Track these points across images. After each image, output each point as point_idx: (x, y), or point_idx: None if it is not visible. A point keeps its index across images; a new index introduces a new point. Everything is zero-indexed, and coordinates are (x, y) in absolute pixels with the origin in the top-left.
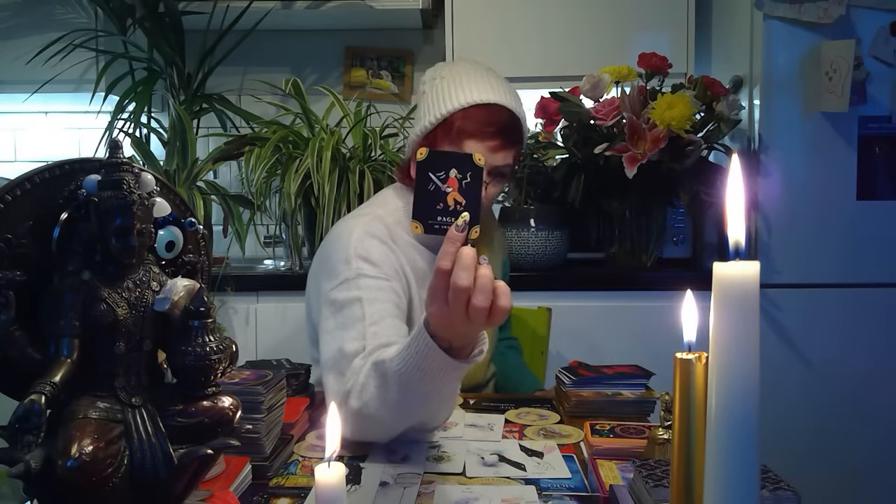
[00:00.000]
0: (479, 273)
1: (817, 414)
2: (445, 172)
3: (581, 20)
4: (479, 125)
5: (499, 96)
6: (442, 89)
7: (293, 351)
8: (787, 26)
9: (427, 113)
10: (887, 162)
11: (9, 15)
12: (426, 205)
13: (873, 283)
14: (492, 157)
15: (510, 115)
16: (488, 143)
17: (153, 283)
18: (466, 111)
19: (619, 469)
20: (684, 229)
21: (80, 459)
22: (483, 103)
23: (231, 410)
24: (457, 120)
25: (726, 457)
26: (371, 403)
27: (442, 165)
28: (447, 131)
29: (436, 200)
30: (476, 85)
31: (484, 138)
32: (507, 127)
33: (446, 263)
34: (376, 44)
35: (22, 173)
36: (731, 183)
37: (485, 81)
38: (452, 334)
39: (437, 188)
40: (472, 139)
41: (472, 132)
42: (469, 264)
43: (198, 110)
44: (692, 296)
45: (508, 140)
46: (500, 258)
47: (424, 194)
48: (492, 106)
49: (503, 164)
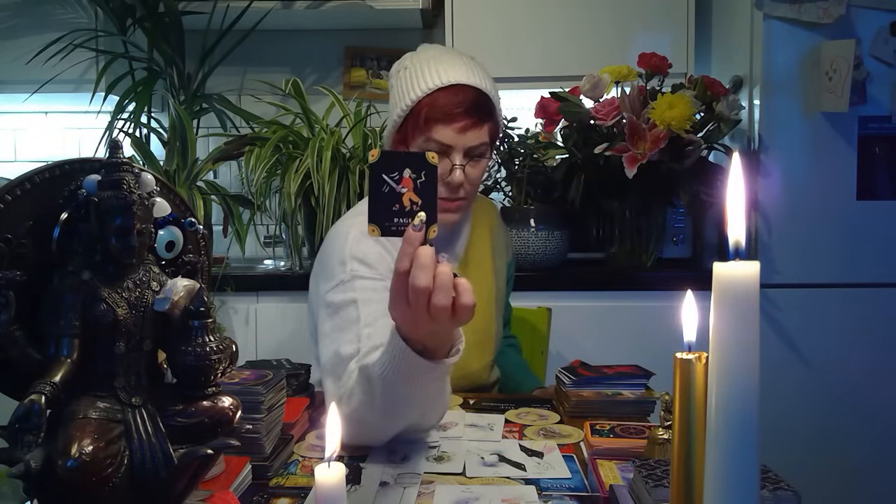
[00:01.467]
0: (438, 271)
1: (817, 413)
2: (399, 173)
3: (581, 20)
4: (445, 108)
5: (461, 75)
6: (406, 79)
7: (293, 351)
8: (787, 26)
9: (395, 106)
10: (887, 162)
11: (9, 15)
12: (382, 207)
13: (873, 283)
14: (463, 137)
15: (477, 92)
16: (457, 125)
17: (153, 283)
18: (431, 96)
19: (619, 469)
20: (684, 229)
21: (80, 459)
22: (446, 85)
23: (231, 410)
24: (423, 107)
25: (726, 457)
26: (359, 409)
27: (395, 166)
28: (416, 121)
29: (391, 202)
30: (438, 68)
31: (451, 121)
32: (475, 104)
33: (404, 264)
34: (376, 44)
35: (22, 173)
36: (732, 182)
37: (447, 63)
38: (421, 335)
39: (392, 189)
40: (440, 123)
41: (438, 117)
42: (427, 263)
43: (198, 110)
44: (692, 296)
45: (479, 117)
46: (505, 258)
47: (379, 196)
48: (456, 86)
49: (477, 143)
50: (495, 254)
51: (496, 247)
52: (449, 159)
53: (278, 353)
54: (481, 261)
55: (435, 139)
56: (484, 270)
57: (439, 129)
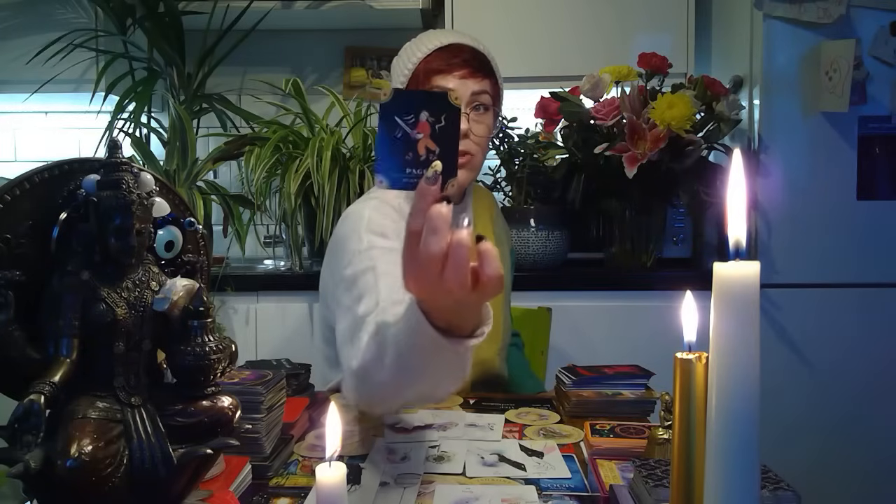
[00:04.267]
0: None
1: (817, 413)
2: (415, 116)
3: (581, 20)
4: (445, 59)
5: (456, 38)
6: (403, 54)
7: (293, 351)
8: (787, 26)
9: (394, 81)
10: (887, 162)
11: (9, 15)
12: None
13: (873, 283)
14: (465, 84)
15: (474, 50)
16: (457, 73)
17: (152, 282)
18: (427, 57)
19: (619, 469)
20: (684, 229)
21: (80, 459)
22: (442, 46)
23: (231, 410)
24: (422, 66)
25: (726, 457)
26: (368, 365)
27: (410, 107)
28: (416, 81)
29: (405, 149)
30: (431, 37)
31: (452, 70)
32: (473, 58)
33: (417, 222)
34: (376, 44)
35: (21, 173)
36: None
37: (441, 33)
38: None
39: (406, 135)
40: (440, 74)
41: (437, 68)
42: (440, 226)
43: (198, 110)
44: (692, 296)
45: (478, 68)
46: (506, 247)
47: (390, 142)
48: (453, 45)
49: (480, 90)
50: (498, 241)
51: (498, 234)
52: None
53: (278, 353)
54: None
55: (438, 86)
56: None
57: (440, 79)
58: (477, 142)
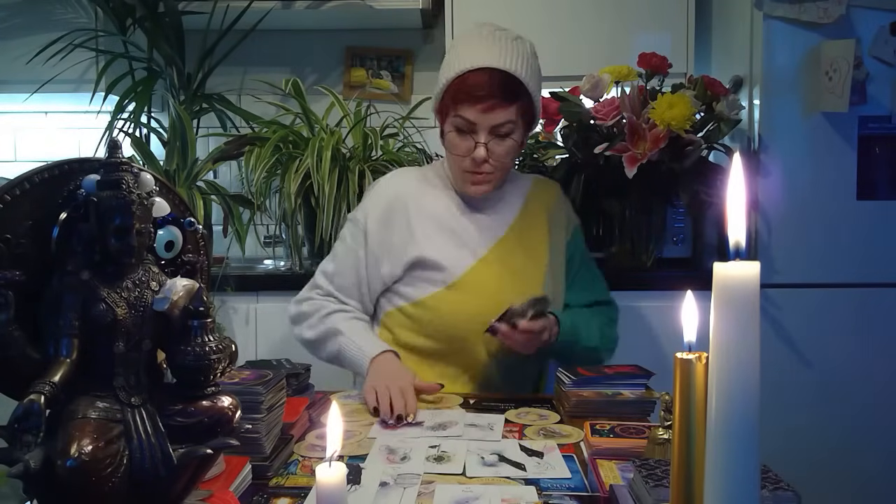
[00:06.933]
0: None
1: (817, 413)
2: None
3: (581, 20)
4: (470, 90)
5: (488, 59)
6: (448, 61)
7: (293, 351)
8: (787, 26)
9: (438, 83)
10: (887, 162)
11: (9, 15)
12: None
13: (873, 283)
14: (486, 117)
15: (505, 73)
16: (480, 105)
17: (152, 282)
18: (461, 77)
19: (619, 469)
20: (684, 229)
21: (80, 459)
22: (474, 68)
23: (230, 410)
24: (453, 88)
25: (726, 457)
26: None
27: None
28: (448, 99)
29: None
30: (470, 52)
31: (476, 101)
32: (501, 85)
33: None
34: (376, 44)
35: (22, 173)
36: (733, 182)
37: (479, 47)
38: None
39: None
40: (466, 103)
41: (463, 98)
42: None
43: (198, 110)
44: (692, 296)
45: (505, 97)
46: (564, 236)
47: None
48: (483, 70)
49: (502, 121)
50: (552, 229)
51: (554, 223)
52: (473, 136)
53: (278, 353)
54: (532, 233)
55: (462, 116)
56: (535, 241)
57: (465, 108)
58: (496, 164)
